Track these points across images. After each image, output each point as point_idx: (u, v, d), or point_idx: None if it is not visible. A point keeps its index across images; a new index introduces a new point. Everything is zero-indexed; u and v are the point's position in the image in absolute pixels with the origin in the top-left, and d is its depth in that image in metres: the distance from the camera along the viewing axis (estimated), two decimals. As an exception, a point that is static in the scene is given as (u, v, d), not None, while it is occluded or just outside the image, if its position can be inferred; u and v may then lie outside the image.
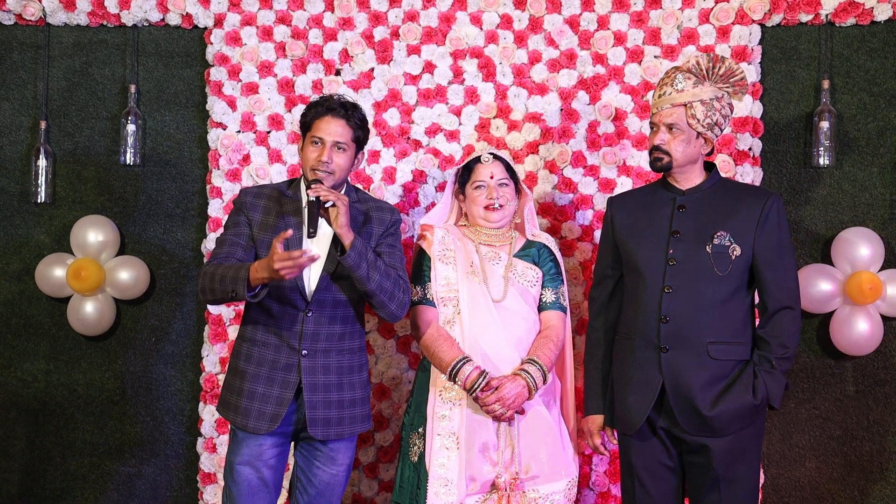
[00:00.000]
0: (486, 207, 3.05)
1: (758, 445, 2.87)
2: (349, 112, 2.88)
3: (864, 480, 3.57)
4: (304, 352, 2.82)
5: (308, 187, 2.74)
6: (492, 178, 3.05)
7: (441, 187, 3.64)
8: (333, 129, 2.84)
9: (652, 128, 2.89)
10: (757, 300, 2.92)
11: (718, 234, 2.82)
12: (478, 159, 3.09)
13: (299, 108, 3.58)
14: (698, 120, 2.82)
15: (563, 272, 3.15)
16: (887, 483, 3.56)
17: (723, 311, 2.80)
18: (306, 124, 2.90)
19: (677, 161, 2.85)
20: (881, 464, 3.57)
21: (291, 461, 3.12)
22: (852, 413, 3.57)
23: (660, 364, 2.80)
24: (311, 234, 2.68)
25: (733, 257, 2.79)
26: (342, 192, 2.88)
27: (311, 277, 2.83)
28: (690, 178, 2.92)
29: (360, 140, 2.92)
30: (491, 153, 3.09)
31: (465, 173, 3.12)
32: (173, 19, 3.73)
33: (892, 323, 3.54)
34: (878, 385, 3.56)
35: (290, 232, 2.60)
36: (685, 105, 2.82)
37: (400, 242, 2.99)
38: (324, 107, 2.88)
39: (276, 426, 2.79)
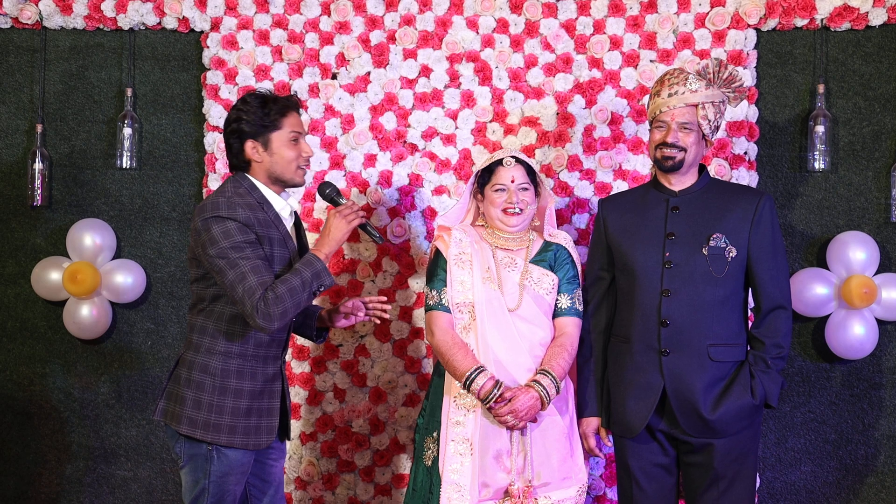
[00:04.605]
0: (505, 211, 3.00)
1: (756, 445, 2.89)
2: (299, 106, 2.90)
3: (858, 484, 3.57)
4: (284, 360, 2.87)
5: (325, 197, 2.84)
6: (513, 181, 2.99)
7: (438, 191, 3.65)
8: (301, 122, 2.83)
9: (660, 126, 2.87)
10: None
11: (714, 236, 2.83)
12: (500, 162, 3.03)
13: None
14: (709, 121, 2.85)
15: (580, 273, 3.09)
16: (882, 487, 3.57)
17: (721, 312, 2.81)
18: (273, 123, 2.74)
19: (688, 161, 2.87)
20: (876, 468, 3.57)
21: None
22: (847, 417, 3.58)
23: (661, 367, 2.81)
24: (380, 239, 2.83)
25: (729, 259, 2.81)
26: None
27: None
28: (684, 180, 2.93)
29: None
30: (513, 156, 3.02)
31: (486, 175, 3.05)
32: (170, 23, 3.73)
33: (886, 327, 3.55)
34: (873, 389, 3.57)
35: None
36: (697, 105, 2.84)
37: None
38: (287, 102, 2.80)
39: (273, 438, 2.79)
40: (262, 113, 2.76)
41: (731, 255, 2.81)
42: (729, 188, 3.01)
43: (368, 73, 3.68)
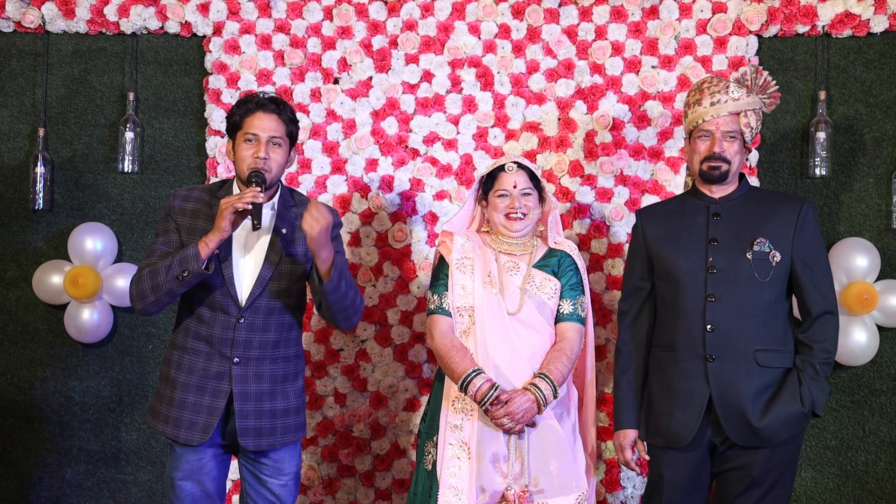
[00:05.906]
0: (507, 216, 3.00)
1: (797, 454, 2.84)
2: (280, 107, 2.82)
3: (859, 490, 3.57)
4: (235, 360, 2.76)
5: (249, 184, 2.71)
6: (515, 187, 2.99)
7: (439, 196, 3.65)
8: (267, 125, 2.78)
9: (703, 136, 2.85)
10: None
11: (758, 240, 2.80)
12: (502, 167, 3.03)
13: (298, 117, 3.56)
14: (751, 128, 2.85)
15: (585, 281, 3.08)
16: (883, 493, 3.57)
17: (766, 317, 2.77)
18: (235, 124, 2.80)
19: (732, 171, 2.86)
20: (876, 474, 3.57)
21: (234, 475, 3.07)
22: (848, 423, 3.58)
23: (706, 374, 2.77)
24: (257, 227, 2.65)
25: (773, 263, 2.78)
26: (277, 193, 2.84)
27: (244, 283, 2.78)
28: (726, 188, 2.90)
29: (292, 136, 2.87)
30: (515, 161, 3.02)
31: (489, 181, 3.06)
32: (172, 27, 3.74)
33: (887, 333, 3.55)
34: (874, 395, 3.57)
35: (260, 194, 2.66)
36: (739, 113, 2.83)
37: (342, 245, 2.94)
38: (253, 103, 2.80)
39: (208, 437, 2.74)
40: (232, 115, 2.84)
41: (775, 259, 2.79)
42: (769, 195, 3.00)
43: (370, 78, 3.69)
